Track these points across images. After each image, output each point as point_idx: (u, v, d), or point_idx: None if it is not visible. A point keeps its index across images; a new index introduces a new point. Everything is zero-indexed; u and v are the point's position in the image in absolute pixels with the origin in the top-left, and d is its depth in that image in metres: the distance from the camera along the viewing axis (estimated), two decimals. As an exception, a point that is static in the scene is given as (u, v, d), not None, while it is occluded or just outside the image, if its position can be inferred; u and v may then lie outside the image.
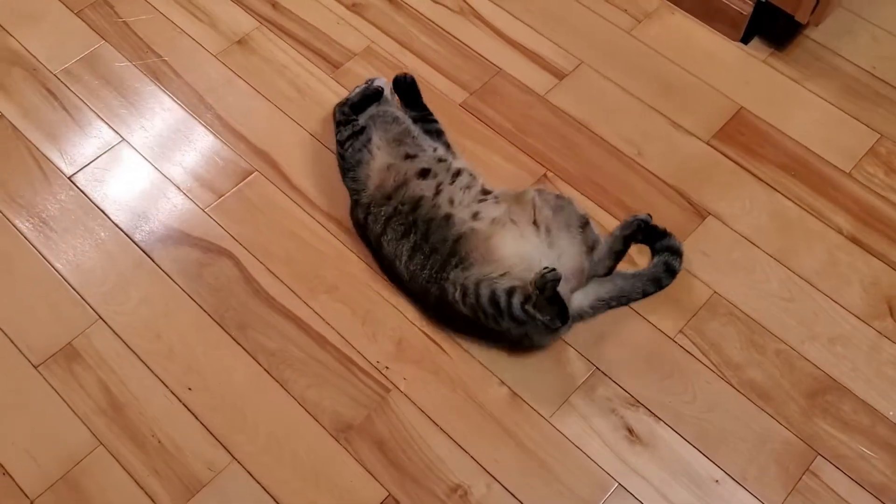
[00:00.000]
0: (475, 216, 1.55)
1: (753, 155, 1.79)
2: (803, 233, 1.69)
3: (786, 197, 1.73)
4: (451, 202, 1.57)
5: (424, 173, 1.61)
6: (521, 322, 1.45)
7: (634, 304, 1.59)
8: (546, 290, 1.40)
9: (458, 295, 1.48)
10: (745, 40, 1.95)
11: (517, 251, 1.51)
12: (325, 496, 1.42)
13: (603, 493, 1.42)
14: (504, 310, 1.44)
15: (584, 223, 1.58)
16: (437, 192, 1.58)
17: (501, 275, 1.47)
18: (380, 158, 1.65)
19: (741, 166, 1.77)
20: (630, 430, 1.47)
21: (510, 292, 1.44)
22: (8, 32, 1.96)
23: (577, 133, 1.82)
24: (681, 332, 1.56)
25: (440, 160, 1.64)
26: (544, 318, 1.42)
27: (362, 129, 1.69)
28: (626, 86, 1.89)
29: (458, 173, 1.61)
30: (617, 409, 1.49)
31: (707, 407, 1.49)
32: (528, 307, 1.42)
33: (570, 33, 1.98)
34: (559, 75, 1.91)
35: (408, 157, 1.64)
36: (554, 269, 1.41)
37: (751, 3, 1.87)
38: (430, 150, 1.66)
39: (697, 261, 1.65)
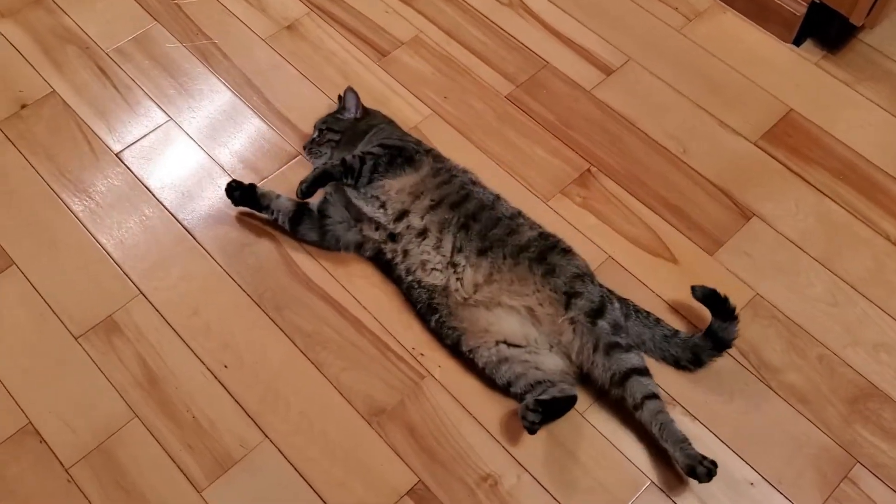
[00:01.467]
0: (445, 291, 1.51)
1: (802, 157, 1.76)
2: (850, 238, 1.65)
3: (833, 201, 1.70)
4: (424, 266, 1.53)
5: (393, 237, 1.57)
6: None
7: (673, 302, 1.58)
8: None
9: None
10: (798, 42, 1.92)
11: (519, 331, 1.48)
12: (354, 478, 1.42)
13: (635, 491, 1.40)
14: (503, 391, 1.47)
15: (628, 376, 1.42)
16: (405, 255, 1.55)
17: (502, 358, 1.46)
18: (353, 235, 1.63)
19: (789, 168, 1.74)
20: (665, 429, 1.46)
21: (506, 387, 1.46)
22: (63, 11, 2.00)
23: (622, 129, 1.80)
24: (720, 332, 1.54)
25: (398, 217, 1.56)
26: (535, 418, 1.38)
27: (298, 216, 1.63)
28: (674, 83, 1.87)
29: (422, 233, 1.54)
30: (652, 407, 1.47)
31: (744, 408, 1.47)
32: (523, 405, 1.40)
33: (620, 29, 1.96)
34: (607, 71, 1.89)
35: (377, 229, 1.59)
36: (534, 421, 1.37)
37: (804, 3, 1.84)
38: (380, 214, 1.58)
39: (740, 261, 1.62)
